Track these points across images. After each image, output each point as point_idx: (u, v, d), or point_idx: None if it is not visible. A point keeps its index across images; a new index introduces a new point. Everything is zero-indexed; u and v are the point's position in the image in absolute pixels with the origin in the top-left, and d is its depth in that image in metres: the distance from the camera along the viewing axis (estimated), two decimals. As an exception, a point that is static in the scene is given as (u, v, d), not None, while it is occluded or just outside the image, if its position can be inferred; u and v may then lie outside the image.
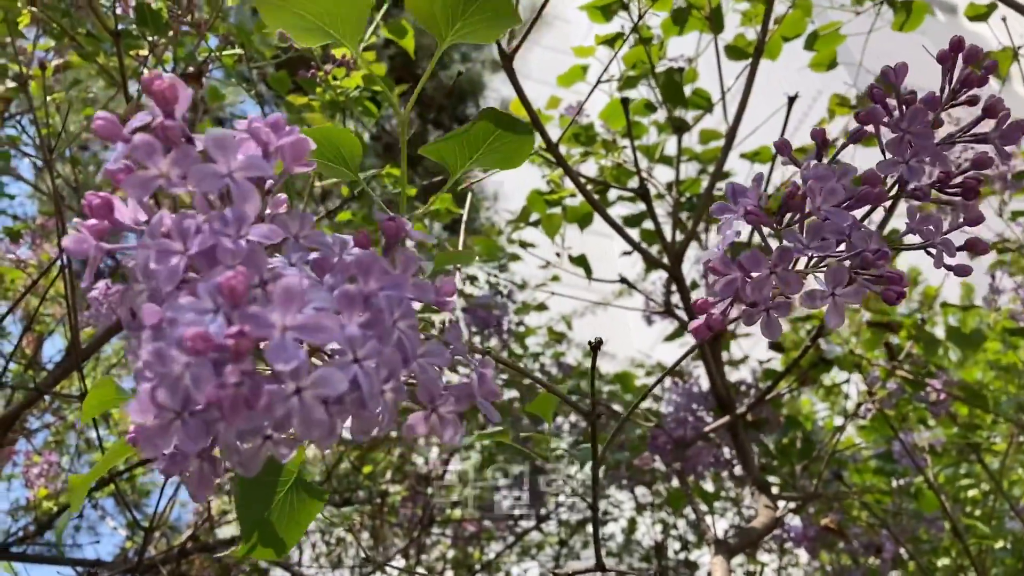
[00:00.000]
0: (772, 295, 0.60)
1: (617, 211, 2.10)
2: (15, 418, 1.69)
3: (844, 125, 2.13)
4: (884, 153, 0.64)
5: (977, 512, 2.42)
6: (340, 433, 0.46)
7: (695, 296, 1.94)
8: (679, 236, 1.92)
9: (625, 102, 1.76)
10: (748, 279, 0.59)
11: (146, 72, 1.77)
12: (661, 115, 2.05)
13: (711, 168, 2.18)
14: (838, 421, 2.82)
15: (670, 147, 2.12)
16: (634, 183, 2.05)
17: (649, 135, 2.11)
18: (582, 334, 3.63)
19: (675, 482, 2.72)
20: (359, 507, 2.85)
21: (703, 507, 2.38)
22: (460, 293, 2.62)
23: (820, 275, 0.60)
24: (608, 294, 3.59)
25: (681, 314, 2.09)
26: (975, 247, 0.63)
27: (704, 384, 2.14)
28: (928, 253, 0.62)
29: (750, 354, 2.56)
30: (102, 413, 0.71)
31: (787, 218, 0.62)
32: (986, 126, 0.64)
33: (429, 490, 3.03)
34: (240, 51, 1.73)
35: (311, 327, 0.42)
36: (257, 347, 0.43)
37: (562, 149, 1.69)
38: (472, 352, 0.59)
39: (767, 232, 0.64)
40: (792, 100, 1.74)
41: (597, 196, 1.93)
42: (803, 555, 2.81)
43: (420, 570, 3.02)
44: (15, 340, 2.75)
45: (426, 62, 0.66)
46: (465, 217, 1.41)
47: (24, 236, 2.43)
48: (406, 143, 0.69)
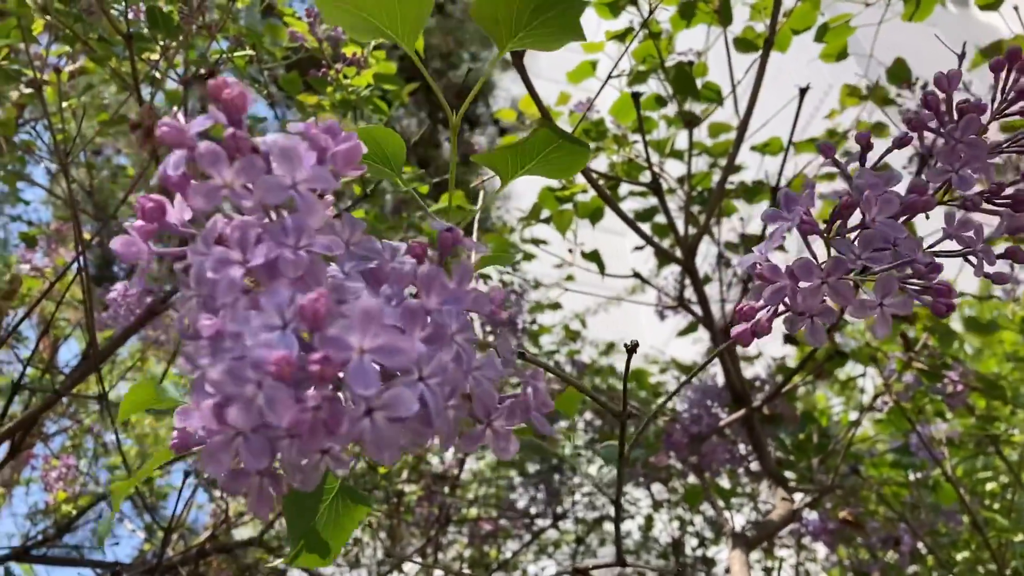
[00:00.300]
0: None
1: (628, 207, 2.10)
2: (34, 420, 1.70)
3: (857, 114, 2.13)
4: (927, 161, 0.63)
5: (996, 505, 2.40)
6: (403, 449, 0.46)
7: (709, 290, 1.93)
8: (691, 231, 1.91)
9: (636, 96, 1.76)
10: (798, 288, 0.59)
11: (157, 74, 1.78)
12: (671, 110, 2.05)
13: (721, 161, 2.17)
14: (853, 416, 2.81)
15: (680, 141, 2.11)
16: (645, 178, 2.05)
17: (659, 130, 2.10)
18: (595, 332, 3.63)
19: (691, 478, 2.72)
20: (376, 506, 2.86)
21: (720, 503, 2.37)
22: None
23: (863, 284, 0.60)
24: (621, 291, 3.59)
25: (695, 308, 2.09)
26: (1016, 256, 0.62)
27: (719, 380, 2.14)
28: (968, 261, 0.61)
29: (763, 350, 2.55)
30: (125, 418, 0.71)
31: (836, 226, 0.61)
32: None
33: (445, 489, 3.03)
34: (251, 52, 1.74)
35: (388, 349, 0.42)
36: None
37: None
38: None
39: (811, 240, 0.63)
40: (804, 91, 1.74)
41: (608, 191, 1.93)
42: (821, 550, 2.79)
43: (437, 569, 3.02)
44: (31, 345, 2.77)
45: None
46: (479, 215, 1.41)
47: (39, 242, 2.45)
48: (456, 144, 0.69)
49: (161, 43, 1.72)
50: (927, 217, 0.63)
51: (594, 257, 2.22)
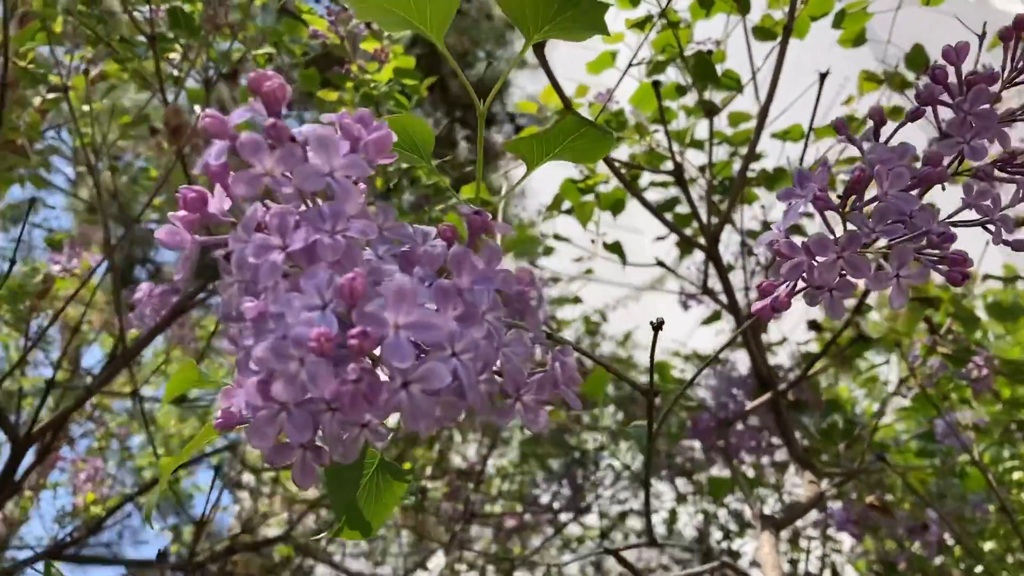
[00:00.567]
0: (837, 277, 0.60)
1: (648, 198, 2.10)
2: (65, 419, 1.73)
3: (875, 100, 2.12)
4: (940, 132, 0.64)
5: (1023, 495, 2.38)
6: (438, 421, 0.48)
7: (732, 278, 1.93)
8: (713, 220, 1.91)
9: (656, 85, 1.76)
10: (815, 263, 0.60)
11: (177, 72, 1.80)
12: (690, 99, 2.05)
13: (741, 150, 2.17)
14: (876, 407, 2.79)
15: (700, 131, 2.11)
16: (666, 168, 2.05)
17: (678, 120, 2.11)
18: (615, 327, 3.64)
19: (715, 471, 2.72)
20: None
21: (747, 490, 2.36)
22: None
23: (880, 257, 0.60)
24: (641, 286, 3.60)
25: (720, 296, 2.09)
26: None
27: (742, 369, 2.13)
28: (986, 229, 0.62)
29: (788, 336, 2.55)
30: (171, 398, 0.73)
31: (851, 201, 0.62)
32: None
33: (469, 485, 3.05)
34: (272, 50, 1.76)
35: (422, 325, 0.45)
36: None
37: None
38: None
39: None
40: (824, 77, 1.74)
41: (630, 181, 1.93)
42: (846, 541, 2.78)
43: (462, 565, 3.03)
44: (55, 347, 2.81)
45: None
46: (503, 204, 1.42)
47: (64, 246, 2.47)
48: (482, 131, 0.70)
49: (182, 43, 1.74)
50: (943, 188, 0.64)
51: (616, 248, 2.22)
